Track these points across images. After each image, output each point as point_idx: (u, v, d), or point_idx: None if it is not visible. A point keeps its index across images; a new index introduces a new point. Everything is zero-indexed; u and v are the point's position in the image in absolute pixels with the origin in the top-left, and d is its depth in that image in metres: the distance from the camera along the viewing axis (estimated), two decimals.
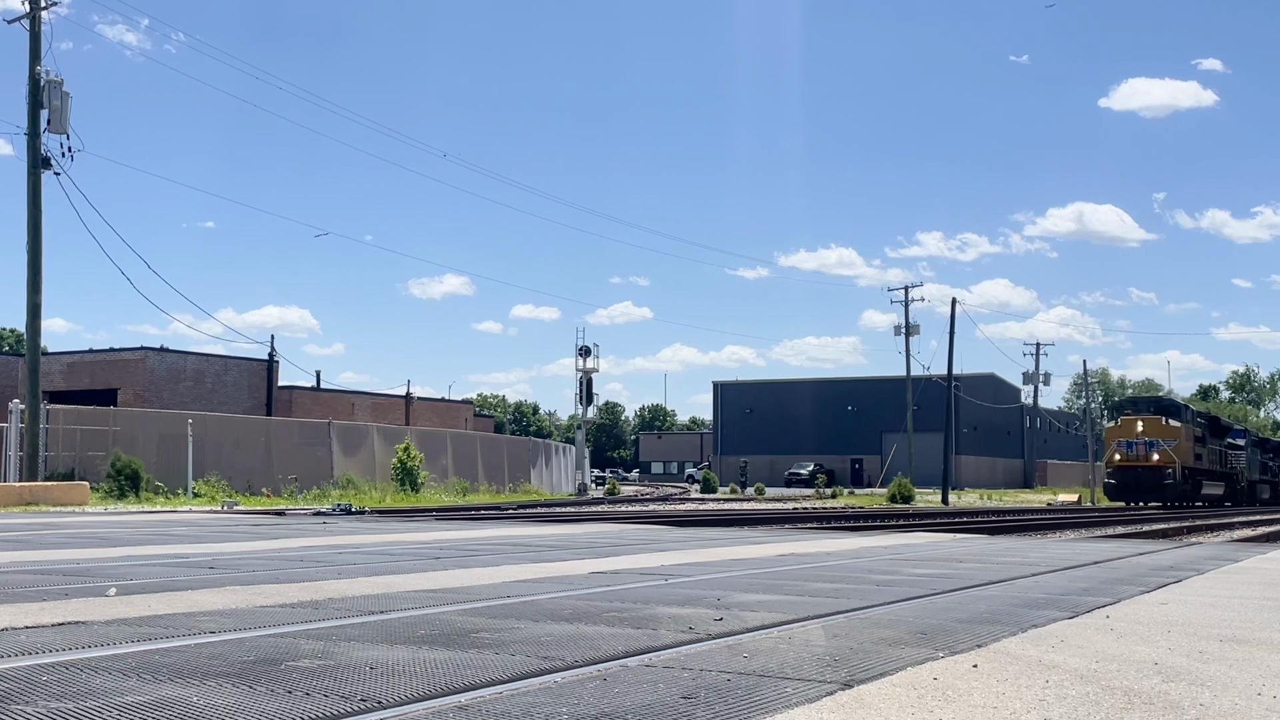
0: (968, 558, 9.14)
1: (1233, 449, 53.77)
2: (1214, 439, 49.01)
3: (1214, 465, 48.36)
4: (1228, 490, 51.10)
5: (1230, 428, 54.95)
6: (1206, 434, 47.08)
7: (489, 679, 3.32)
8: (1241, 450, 55.06)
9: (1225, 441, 52.14)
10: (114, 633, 4.15)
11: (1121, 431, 44.38)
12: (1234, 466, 52.61)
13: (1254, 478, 58.59)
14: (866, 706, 3.05)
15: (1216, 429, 50.57)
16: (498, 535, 11.22)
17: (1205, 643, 4.42)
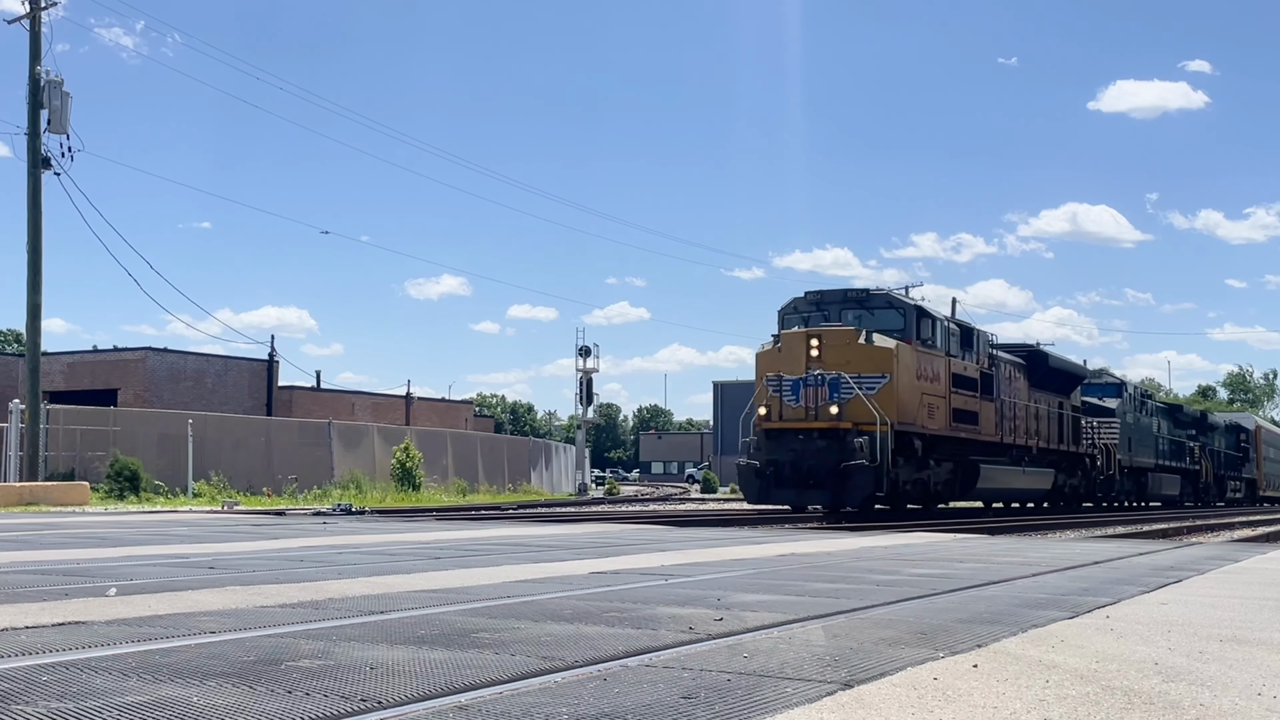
0: (968, 558, 9.14)
1: (1089, 413, 33.60)
2: (1038, 389, 28.88)
3: (1031, 433, 27.98)
4: (1078, 482, 32.44)
5: (1078, 375, 32.51)
6: (999, 373, 25.96)
7: (489, 679, 3.32)
8: (1113, 418, 34.81)
9: (1069, 399, 31.50)
10: (114, 633, 4.15)
11: (779, 360, 21.70)
12: (1091, 441, 33.18)
13: (1147, 461, 38.54)
14: (867, 706, 3.05)
15: (1039, 369, 28.96)
16: (498, 535, 11.22)
17: (1205, 643, 4.42)
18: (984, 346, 25.78)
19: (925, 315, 22.97)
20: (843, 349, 21.31)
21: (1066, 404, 31.62)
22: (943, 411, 23.19)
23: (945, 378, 23.35)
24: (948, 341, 23.67)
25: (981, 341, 25.70)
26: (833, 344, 21.34)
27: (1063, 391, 31.23)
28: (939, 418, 23.05)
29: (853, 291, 22.89)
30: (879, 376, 21.15)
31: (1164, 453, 41.71)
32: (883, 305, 22.73)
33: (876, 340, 21.39)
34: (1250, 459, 56.74)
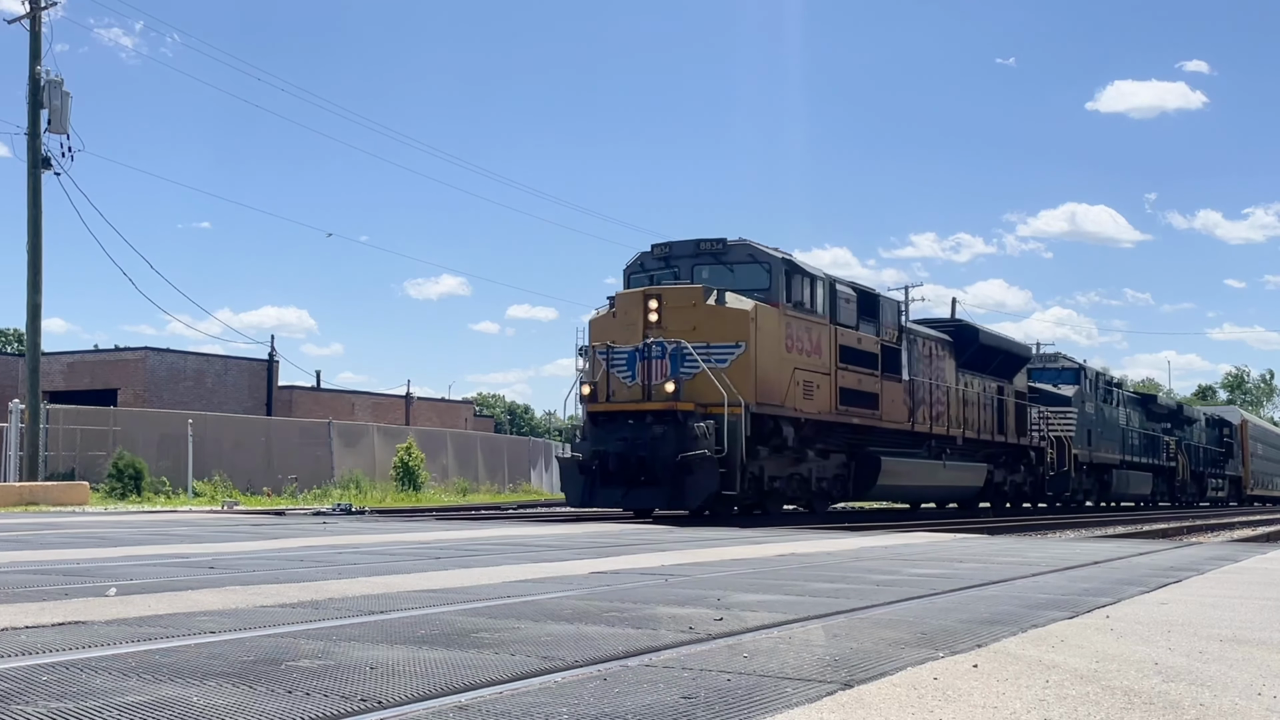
0: (968, 557, 9.14)
1: (1042, 401, 29.93)
2: (969, 371, 25.29)
3: (957, 421, 24.43)
4: (1022, 479, 28.41)
5: (1020, 356, 28.47)
6: (914, 349, 22.68)
7: (489, 679, 3.32)
8: (1068, 408, 30.83)
9: (1012, 384, 27.67)
10: (114, 633, 4.15)
11: (613, 327, 18.01)
12: (1041, 432, 29.26)
13: (1111, 456, 34.39)
14: (866, 706, 3.05)
15: (969, 347, 25.28)
16: (498, 535, 11.22)
17: (1205, 643, 4.42)
18: (894, 317, 22.14)
19: (799, 272, 18.84)
20: (688, 312, 17.32)
21: (1009, 389, 27.63)
22: (826, 392, 19.28)
23: (830, 350, 19.48)
24: (833, 307, 19.81)
25: (889, 311, 21.96)
26: (675, 306, 17.36)
27: (1002, 374, 27.30)
28: (820, 399, 19.13)
29: (707, 242, 18.79)
30: (731, 346, 17.17)
31: (1133, 447, 37.55)
32: (744, 259, 18.61)
33: (730, 301, 17.51)
34: (1235, 455, 52.91)
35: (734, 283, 18.17)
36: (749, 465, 17.24)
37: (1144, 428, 39.41)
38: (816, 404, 19.10)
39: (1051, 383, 32.15)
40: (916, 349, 22.99)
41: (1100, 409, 34.39)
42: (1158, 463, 40.43)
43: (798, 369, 18.59)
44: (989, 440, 26.47)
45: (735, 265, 18.61)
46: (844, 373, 19.95)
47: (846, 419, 20.02)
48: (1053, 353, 35.61)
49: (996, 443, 26.89)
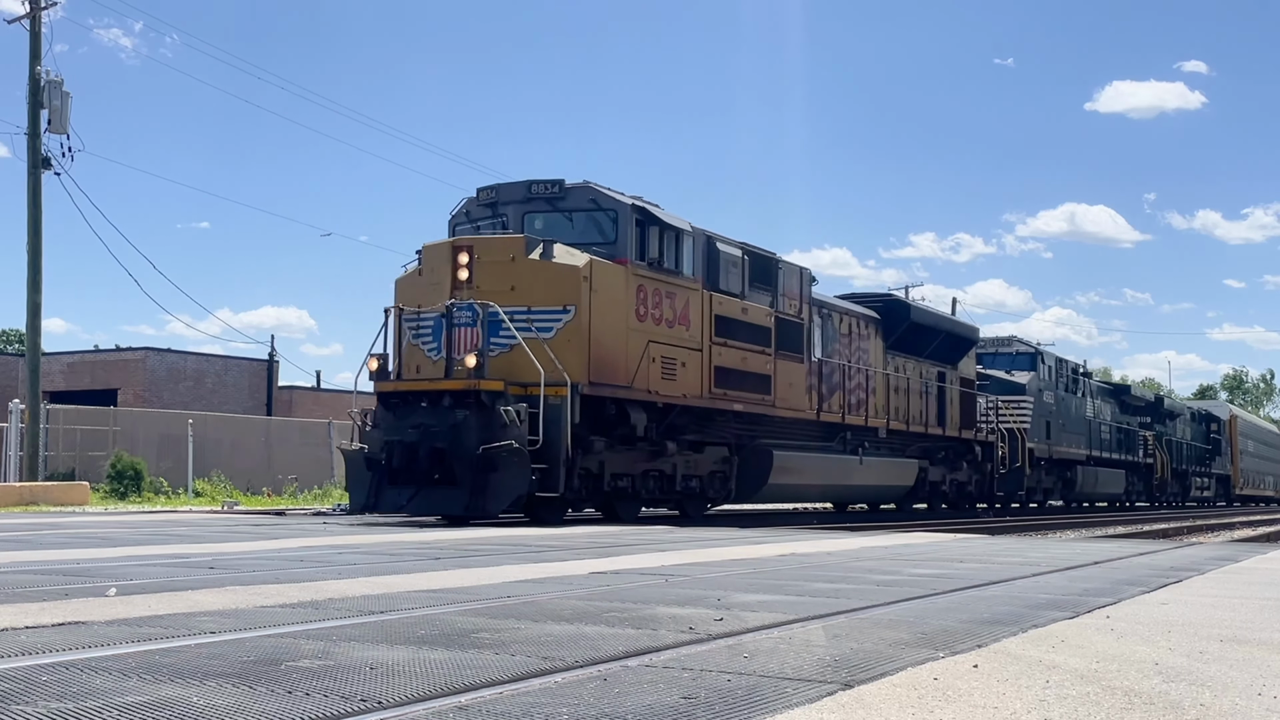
0: (968, 557, 9.14)
1: (994, 390, 27.34)
2: (900, 353, 22.57)
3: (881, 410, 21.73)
4: (965, 476, 25.24)
5: (964, 337, 25.42)
6: (826, 325, 20.22)
7: (489, 679, 3.32)
8: (1023, 396, 27.90)
9: (956, 369, 24.71)
10: (114, 633, 4.15)
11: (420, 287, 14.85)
12: (991, 424, 26.31)
13: (1076, 451, 31.38)
14: (867, 706, 3.05)
15: (898, 325, 22.43)
16: (498, 535, 11.22)
17: (1206, 643, 4.42)
18: (798, 287, 19.05)
19: (656, 224, 15.34)
20: (505, 268, 14.07)
21: (952, 375, 24.58)
22: (696, 371, 16.11)
23: (703, 321, 16.27)
24: (710, 269, 16.60)
25: (791, 279, 18.83)
26: (490, 260, 14.10)
27: (944, 359, 24.22)
28: (687, 380, 15.93)
29: (541, 185, 15.43)
30: (557, 311, 13.97)
31: (1104, 442, 34.55)
32: (585, 206, 15.25)
33: (558, 255, 14.18)
34: (1223, 452, 49.82)
35: (573, 234, 14.95)
36: (582, 460, 14.19)
37: (1117, 421, 36.62)
38: (682, 385, 15.78)
39: (1005, 369, 29.28)
40: (831, 326, 20.32)
41: (1063, 399, 31.33)
42: (1133, 459, 37.44)
43: (654, 342, 15.34)
44: (924, 433, 23.43)
45: (575, 213, 15.24)
46: (722, 349, 16.68)
47: (725, 404, 16.86)
48: (1006, 336, 32.16)
49: (934, 435, 23.90)
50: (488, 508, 13.44)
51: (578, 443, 14.10)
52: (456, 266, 14.26)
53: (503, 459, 13.24)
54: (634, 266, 15.23)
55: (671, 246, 15.96)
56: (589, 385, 14.29)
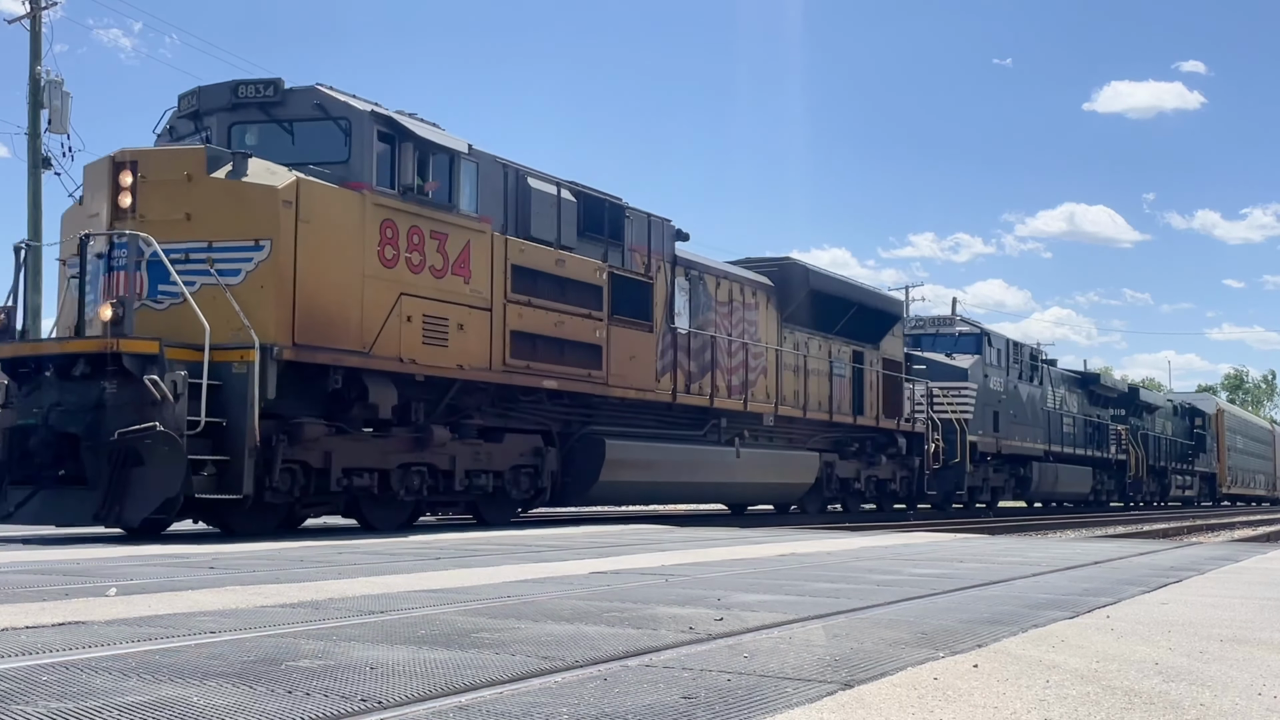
0: (968, 557, 9.14)
1: (932, 375, 24.27)
2: (799, 326, 19.59)
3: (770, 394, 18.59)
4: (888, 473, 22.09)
5: (884, 312, 22.40)
6: (694, 290, 17.03)
7: (489, 679, 3.32)
8: (963, 383, 24.84)
9: (877, 349, 21.80)
10: (114, 633, 4.15)
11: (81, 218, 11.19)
12: (925, 412, 23.33)
13: (1033, 446, 28.23)
14: (867, 706, 3.05)
15: (796, 293, 19.43)
16: (497, 535, 11.22)
17: (1206, 643, 4.42)
18: (650, 240, 15.90)
19: (410, 140, 11.96)
20: (180, 192, 10.74)
21: (871, 355, 21.57)
22: (482, 336, 12.57)
23: (493, 272, 12.72)
24: (511, 207, 13.40)
25: (638, 231, 15.68)
26: (160, 180, 10.78)
27: (860, 336, 21.16)
28: (469, 347, 12.40)
29: (251, 86, 11.93)
30: (248, 248, 10.66)
31: (1067, 436, 31.12)
32: (311, 114, 11.80)
33: (252, 173, 10.85)
34: (1208, 449, 46.13)
35: (295, 152, 11.59)
36: (289, 449, 10.75)
37: (1085, 413, 33.45)
38: (458, 354, 12.24)
39: (945, 351, 25.91)
40: (703, 292, 16.99)
41: (1016, 387, 28.04)
42: (1102, 455, 33.93)
43: (411, 295, 11.80)
44: (828, 420, 20.12)
45: (298, 124, 11.88)
46: (525, 309, 13.21)
47: (529, 380, 13.35)
48: (947, 315, 28.94)
49: (844, 425, 20.58)
50: (125, 515, 9.82)
51: (281, 426, 10.69)
52: (117, 190, 10.68)
53: (146, 448, 9.65)
54: (376, 195, 11.55)
55: (442, 173, 12.26)
56: (294, 348, 10.69)
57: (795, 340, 19.66)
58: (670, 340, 16.31)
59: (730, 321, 17.89)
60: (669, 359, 16.30)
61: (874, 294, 23.01)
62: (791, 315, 19.50)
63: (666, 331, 16.19)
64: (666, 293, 16.30)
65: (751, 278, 18.82)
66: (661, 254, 16.27)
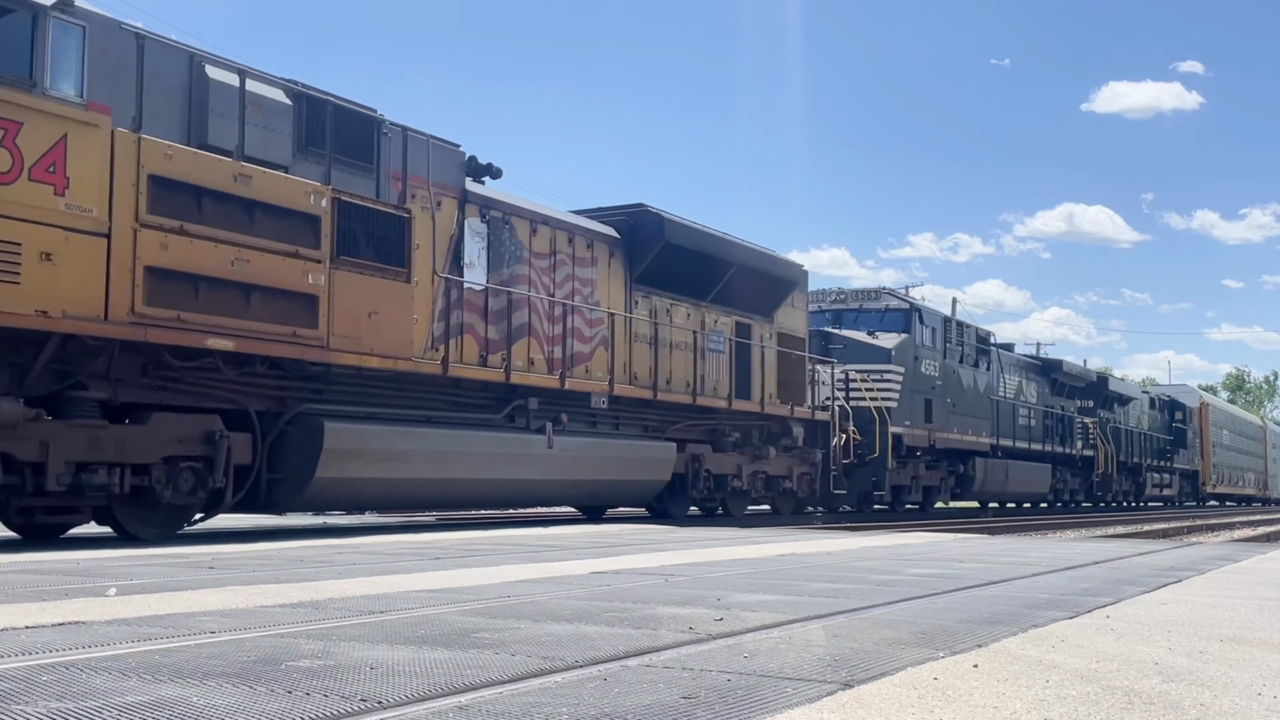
0: (968, 557, 9.14)
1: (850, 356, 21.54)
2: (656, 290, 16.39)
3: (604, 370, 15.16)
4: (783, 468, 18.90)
5: (777, 277, 18.92)
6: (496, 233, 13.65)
7: (489, 679, 3.32)
8: (887, 366, 21.90)
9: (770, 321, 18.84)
10: (114, 633, 4.15)
11: None
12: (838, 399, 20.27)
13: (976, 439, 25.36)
14: (866, 706, 3.05)
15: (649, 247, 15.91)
16: (497, 535, 11.22)
17: (1206, 643, 4.42)
18: (440, 168, 12.83)
19: None
20: None
21: (763, 329, 18.44)
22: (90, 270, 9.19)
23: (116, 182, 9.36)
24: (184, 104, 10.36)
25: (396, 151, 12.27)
26: None
27: (746, 305, 17.98)
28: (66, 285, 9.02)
29: None
30: None
31: (1022, 429, 28.25)
32: None
33: None
34: (1189, 445, 43.20)
35: None
36: None
37: (1046, 404, 30.60)
38: (40, 294, 8.85)
39: (868, 330, 22.81)
40: (509, 239, 13.77)
41: (956, 372, 24.83)
42: (1065, 451, 31.02)
43: None
44: (695, 405, 16.71)
45: None
46: (175, 238, 9.72)
47: (182, 338, 9.90)
48: (873, 288, 24.84)
49: (720, 411, 17.33)
50: None
51: None
52: None
53: None
54: None
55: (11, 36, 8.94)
56: None
57: (652, 306, 16.36)
58: (452, 297, 12.97)
59: (552, 278, 14.58)
60: (451, 321, 12.90)
61: (761, 255, 18.76)
62: (647, 275, 16.12)
63: (442, 284, 12.77)
64: (451, 235, 12.99)
65: (587, 226, 15.36)
66: (444, 186, 12.96)
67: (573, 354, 14.87)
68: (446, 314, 12.95)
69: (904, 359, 22.73)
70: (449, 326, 12.96)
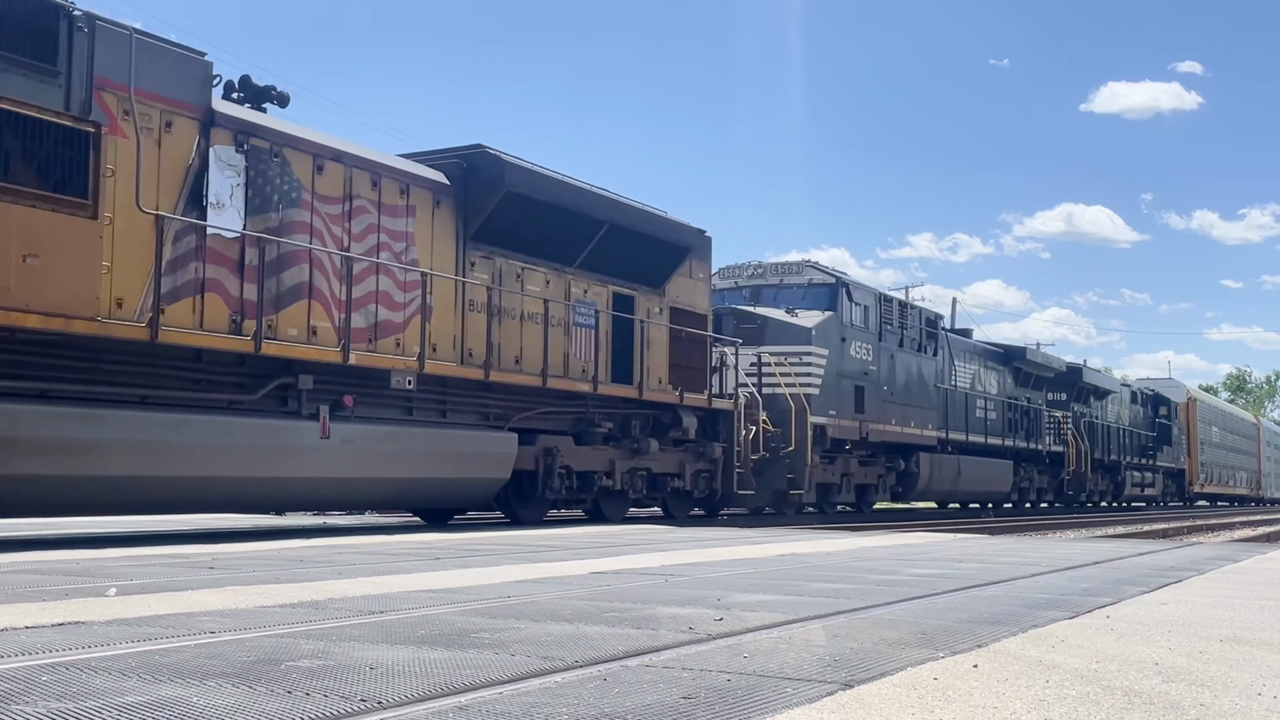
0: (968, 557, 9.14)
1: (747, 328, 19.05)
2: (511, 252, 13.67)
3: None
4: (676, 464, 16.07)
5: (662, 240, 15.90)
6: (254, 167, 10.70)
7: (489, 679, 3.32)
8: (806, 348, 19.57)
9: (660, 294, 16.00)
10: (114, 633, 4.15)
11: None
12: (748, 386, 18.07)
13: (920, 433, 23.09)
14: (866, 706, 3.05)
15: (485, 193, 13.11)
16: (497, 535, 11.22)
17: (1205, 643, 4.42)
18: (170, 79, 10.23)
19: None
20: None
21: (649, 302, 15.80)
22: None
23: None
24: None
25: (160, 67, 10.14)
26: None
27: (626, 273, 15.36)
28: None
29: None
30: None
31: (978, 422, 25.73)
32: None
33: None
34: (1175, 442, 40.66)
35: None
36: None
37: (1009, 395, 28.25)
38: None
39: (788, 307, 20.28)
40: (281, 175, 11.23)
41: (893, 357, 22.30)
42: (1031, 446, 28.54)
43: None
44: (546, 388, 13.79)
45: None
46: None
47: None
48: (796, 261, 21.56)
49: (585, 395, 14.58)
50: None
51: None
52: None
53: None
54: None
55: None
56: None
57: (496, 269, 13.55)
58: (187, 244, 10.33)
59: (346, 229, 11.73)
60: (184, 275, 10.30)
61: (643, 214, 15.85)
62: (488, 232, 13.35)
63: (171, 228, 10.11)
64: (189, 165, 10.37)
65: (399, 168, 12.51)
66: (174, 102, 10.26)
67: (378, 323, 11.98)
68: (177, 266, 10.21)
69: (828, 340, 20.16)
70: (181, 282, 10.24)
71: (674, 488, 16.29)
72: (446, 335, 12.85)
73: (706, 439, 16.84)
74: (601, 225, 14.81)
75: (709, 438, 16.91)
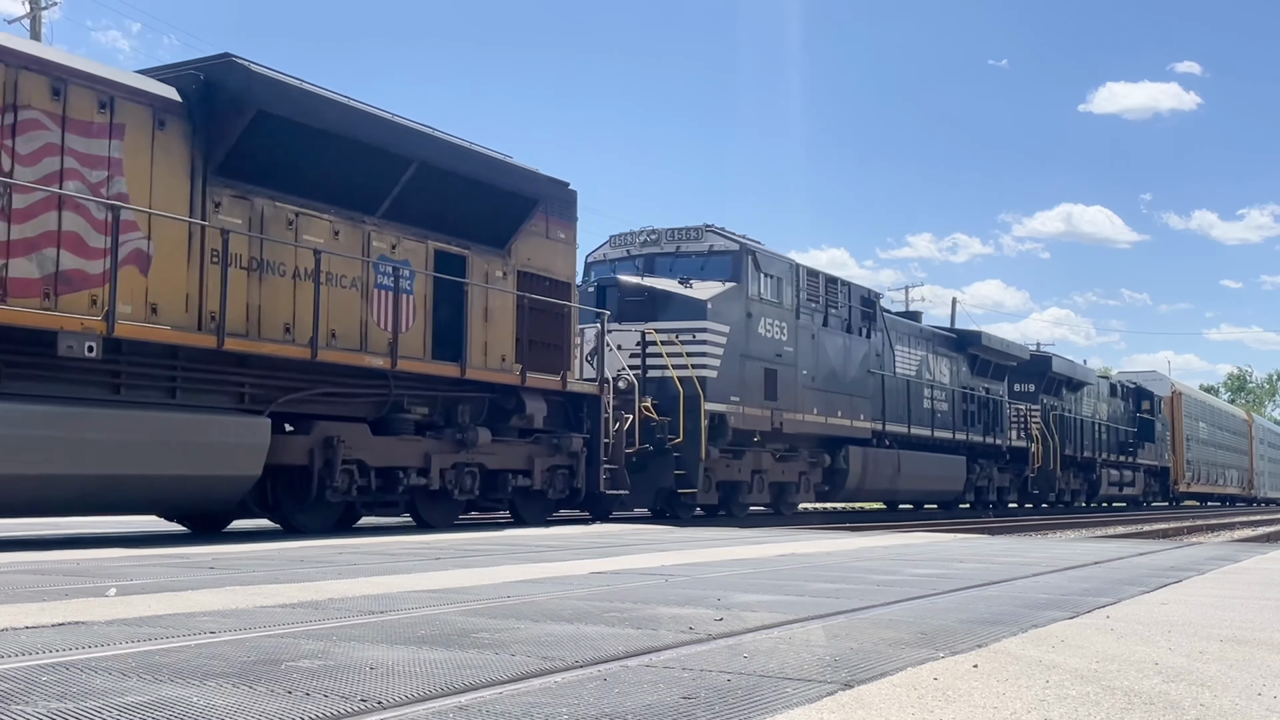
0: (968, 557, 9.14)
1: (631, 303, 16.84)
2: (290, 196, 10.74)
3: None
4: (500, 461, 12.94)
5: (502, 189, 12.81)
6: None
7: (489, 679, 3.32)
8: (702, 324, 16.76)
9: (505, 257, 13.14)
10: (114, 633, 4.15)
11: None
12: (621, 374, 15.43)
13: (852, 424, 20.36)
14: (866, 706, 3.05)
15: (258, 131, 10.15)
16: (497, 535, 11.22)
17: (1205, 643, 4.42)
18: None
19: None
20: None
21: (489, 264, 13.24)
22: None
23: None
24: None
25: None
26: None
27: (452, 228, 12.68)
28: None
29: None
30: None
31: (924, 413, 23.31)
32: None
33: None
34: (1158, 438, 38.18)
35: None
36: None
37: (964, 384, 25.45)
38: None
39: (682, 277, 17.65)
40: None
41: (816, 337, 19.66)
42: (989, 441, 25.84)
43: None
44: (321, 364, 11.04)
45: None
46: None
47: None
48: (696, 227, 18.52)
49: (388, 373, 11.75)
50: None
51: None
52: None
53: None
54: None
55: None
56: None
57: (253, 212, 10.71)
58: None
59: (8, 146, 8.93)
60: None
61: (472, 155, 12.93)
62: (238, 165, 10.52)
63: None
64: None
65: (99, 74, 9.70)
66: None
67: (59, 273, 9.20)
68: None
69: (728, 315, 17.34)
70: None
71: (518, 486, 13.48)
72: (174, 293, 9.98)
73: (565, 429, 14.15)
74: (408, 164, 11.94)
75: (569, 428, 14.22)
